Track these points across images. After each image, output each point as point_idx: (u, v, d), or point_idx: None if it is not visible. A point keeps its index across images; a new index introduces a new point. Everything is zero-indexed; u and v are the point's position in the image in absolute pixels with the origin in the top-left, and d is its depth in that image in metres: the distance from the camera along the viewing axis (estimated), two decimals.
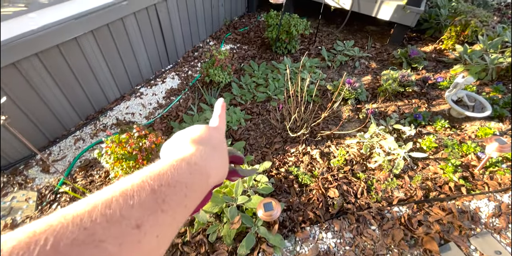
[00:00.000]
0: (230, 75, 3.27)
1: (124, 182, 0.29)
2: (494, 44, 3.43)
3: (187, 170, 0.33)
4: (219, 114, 0.51)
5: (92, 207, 0.25)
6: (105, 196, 0.27)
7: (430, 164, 2.50)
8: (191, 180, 0.32)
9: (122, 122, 2.93)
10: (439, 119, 2.83)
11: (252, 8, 5.14)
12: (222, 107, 0.53)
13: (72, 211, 0.25)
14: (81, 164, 2.52)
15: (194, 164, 0.34)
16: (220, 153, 0.42)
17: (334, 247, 1.94)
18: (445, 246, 1.92)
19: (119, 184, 0.28)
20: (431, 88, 3.36)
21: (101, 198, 0.26)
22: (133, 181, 0.29)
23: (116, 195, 0.27)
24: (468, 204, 2.19)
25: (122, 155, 1.96)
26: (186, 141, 0.40)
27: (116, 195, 0.26)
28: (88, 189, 2.30)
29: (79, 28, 2.42)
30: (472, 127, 2.84)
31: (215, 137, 0.43)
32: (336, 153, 2.60)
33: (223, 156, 0.42)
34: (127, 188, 0.28)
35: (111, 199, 0.26)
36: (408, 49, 3.70)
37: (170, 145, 0.41)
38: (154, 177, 0.29)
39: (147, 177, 0.29)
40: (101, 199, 0.26)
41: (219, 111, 0.52)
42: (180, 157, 0.34)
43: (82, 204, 0.26)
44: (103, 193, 0.27)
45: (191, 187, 0.32)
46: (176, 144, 0.40)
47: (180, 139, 0.41)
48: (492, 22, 3.74)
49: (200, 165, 0.35)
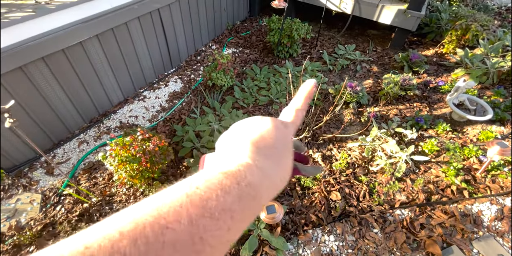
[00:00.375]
0: (233, 78, 3.30)
1: (158, 202, 0.22)
2: (495, 48, 3.45)
3: (237, 194, 0.25)
4: (299, 107, 0.39)
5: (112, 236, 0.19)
6: (131, 223, 0.20)
7: (432, 167, 2.51)
8: (240, 208, 0.25)
9: (126, 125, 2.96)
10: (441, 123, 2.84)
11: (254, 12, 5.19)
12: (307, 96, 0.40)
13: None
14: (85, 167, 2.54)
15: (247, 185, 0.27)
16: (283, 164, 0.33)
17: (336, 250, 1.94)
18: (448, 249, 1.92)
19: (151, 205, 0.22)
20: (432, 92, 3.38)
21: (126, 225, 0.20)
22: (170, 203, 0.22)
23: (146, 224, 0.20)
24: (471, 208, 2.19)
25: (126, 158, 1.99)
26: (245, 141, 0.32)
27: (145, 225, 0.20)
28: (92, 191, 2.32)
29: (85, 32, 2.46)
30: (474, 131, 2.85)
31: (281, 139, 0.34)
32: (338, 156, 2.61)
33: (286, 166, 0.33)
34: (159, 215, 0.21)
35: (140, 230, 0.20)
36: (409, 53, 3.72)
37: (227, 139, 0.34)
38: (197, 203, 0.23)
39: (189, 200, 0.23)
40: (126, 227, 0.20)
41: (301, 102, 0.39)
42: (232, 171, 0.27)
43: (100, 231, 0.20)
44: (127, 220, 0.21)
45: (237, 218, 0.25)
46: (234, 140, 0.33)
47: (238, 135, 0.33)
48: (492, 26, 3.77)
49: (254, 186, 0.27)
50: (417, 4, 3.64)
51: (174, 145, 2.69)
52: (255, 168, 0.29)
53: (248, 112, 3.11)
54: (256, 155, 0.31)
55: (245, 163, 0.29)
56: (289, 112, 0.39)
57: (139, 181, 2.17)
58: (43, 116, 2.49)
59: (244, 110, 3.13)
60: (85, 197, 2.25)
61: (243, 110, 3.11)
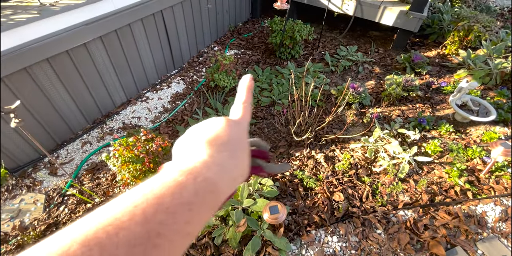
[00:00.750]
0: (235, 79, 3.31)
1: (114, 206, 0.24)
2: (497, 49, 3.45)
3: (193, 189, 0.27)
4: (243, 101, 0.40)
5: (67, 247, 0.20)
6: (85, 230, 0.22)
7: (435, 168, 2.50)
8: (197, 201, 0.27)
9: (129, 126, 2.97)
10: (444, 124, 2.83)
11: (256, 14, 5.21)
12: (248, 89, 0.41)
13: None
14: (88, 167, 2.55)
15: (204, 180, 0.28)
16: (240, 158, 0.35)
17: (339, 250, 1.93)
18: (452, 250, 1.91)
19: (107, 211, 0.24)
20: (435, 93, 3.38)
21: (80, 234, 0.21)
22: (125, 205, 0.24)
23: (99, 229, 0.22)
24: (475, 209, 2.18)
25: (130, 158, 1.99)
26: (200, 142, 0.33)
27: (98, 230, 0.22)
28: (95, 192, 2.32)
29: (89, 34, 2.48)
30: (477, 132, 2.84)
31: (235, 136, 0.36)
32: (341, 157, 2.61)
33: (243, 161, 0.35)
34: (114, 218, 0.23)
35: (92, 236, 0.21)
36: (411, 54, 3.72)
37: (183, 143, 0.35)
38: (151, 201, 0.24)
39: (144, 200, 0.24)
40: (80, 236, 0.21)
41: (244, 96, 0.41)
42: (188, 168, 0.29)
43: (58, 241, 0.21)
44: (86, 224, 0.22)
45: (196, 210, 0.26)
46: (189, 143, 0.34)
47: (194, 138, 0.35)
48: (495, 27, 3.77)
49: (212, 181, 0.29)
50: (419, 5, 3.64)
51: None
52: (212, 164, 0.30)
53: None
54: (213, 151, 0.32)
55: (202, 159, 0.31)
56: (237, 109, 0.40)
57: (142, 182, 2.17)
58: (47, 117, 2.51)
59: None
60: (88, 197, 2.26)
61: None
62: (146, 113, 3.14)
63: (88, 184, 2.40)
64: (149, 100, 3.31)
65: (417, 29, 3.83)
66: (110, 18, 2.61)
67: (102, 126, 2.95)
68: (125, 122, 3.02)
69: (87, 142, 2.77)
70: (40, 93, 2.36)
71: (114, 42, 2.78)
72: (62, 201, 2.29)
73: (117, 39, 2.80)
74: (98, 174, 2.49)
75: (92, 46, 2.58)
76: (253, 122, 2.99)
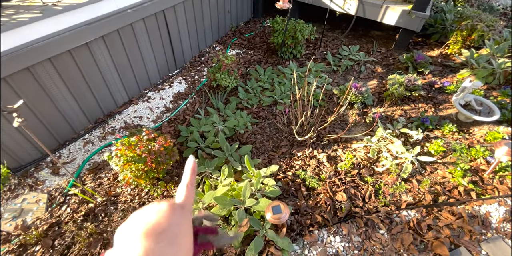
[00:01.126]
0: (237, 79, 3.30)
1: None
2: (501, 49, 3.43)
3: None
4: (187, 182, 0.43)
5: None
6: None
7: (438, 168, 2.48)
8: None
9: (130, 126, 2.97)
10: (447, 123, 2.82)
11: (258, 13, 5.20)
12: (192, 171, 0.44)
13: None
14: (90, 167, 2.55)
15: None
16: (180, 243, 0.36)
17: (342, 251, 1.92)
18: (456, 251, 1.89)
19: None
20: (437, 93, 3.36)
21: None
22: None
23: None
24: (478, 209, 2.16)
25: (132, 158, 1.99)
26: (136, 235, 0.35)
27: None
28: (97, 191, 2.32)
29: (91, 33, 2.48)
30: (481, 131, 2.82)
31: (177, 220, 0.37)
32: (343, 157, 2.60)
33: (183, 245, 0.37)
34: None
35: None
36: (414, 53, 3.71)
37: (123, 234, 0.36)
38: None
39: None
40: None
41: (188, 178, 0.43)
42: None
43: None
44: None
45: None
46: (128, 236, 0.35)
47: (133, 229, 0.36)
48: (498, 27, 3.74)
49: None
50: (422, 4, 3.63)
51: (178, 145, 2.70)
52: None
53: (252, 113, 3.11)
54: (149, 244, 0.34)
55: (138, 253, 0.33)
56: (181, 191, 0.43)
57: (144, 181, 2.17)
58: (49, 116, 2.51)
59: (248, 111, 3.12)
60: (90, 197, 2.26)
61: (247, 111, 3.11)
62: (148, 112, 3.14)
63: (90, 184, 2.40)
64: (151, 99, 3.31)
65: (419, 29, 3.81)
66: (112, 18, 2.60)
67: (104, 126, 2.95)
68: (127, 121, 3.01)
69: (89, 142, 2.77)
70: (42, 92, 2.36)
71: (116, 42, 2.78)
72: (64, 201, 2.29)
73: (119, 39, 2.80)
74: (100, 173, 2.49)
75: (94, 46, 2.58)
76: (254, 122, 2.98)
